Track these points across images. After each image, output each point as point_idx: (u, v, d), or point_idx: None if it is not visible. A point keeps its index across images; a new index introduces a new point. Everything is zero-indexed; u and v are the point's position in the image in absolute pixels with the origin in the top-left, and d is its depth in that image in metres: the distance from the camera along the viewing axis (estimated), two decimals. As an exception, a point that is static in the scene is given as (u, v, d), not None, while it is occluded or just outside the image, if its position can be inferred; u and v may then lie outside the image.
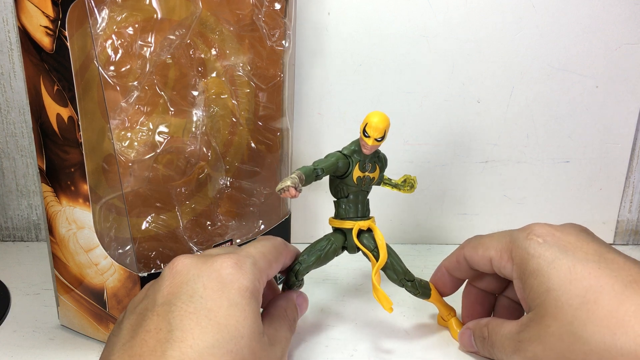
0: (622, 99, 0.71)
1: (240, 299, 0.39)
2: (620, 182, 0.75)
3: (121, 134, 0.56)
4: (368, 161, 0.53)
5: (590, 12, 0.68)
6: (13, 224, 0.77)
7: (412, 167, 0.74)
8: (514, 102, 0.71)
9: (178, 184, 0.61)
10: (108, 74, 0.52)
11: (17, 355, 0.55)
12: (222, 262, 0.41)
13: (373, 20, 0.68)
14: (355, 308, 0.63)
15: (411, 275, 0.56)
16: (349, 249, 0.56)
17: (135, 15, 0.53)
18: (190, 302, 0.38)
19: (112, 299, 0.54)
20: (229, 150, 0.65)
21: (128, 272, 0.53)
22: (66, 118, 0.49)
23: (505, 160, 0.74)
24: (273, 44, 0.62)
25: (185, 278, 0.41)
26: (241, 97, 0.64)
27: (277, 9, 0.61)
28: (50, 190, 0.52)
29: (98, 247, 0.52)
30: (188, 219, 0.63)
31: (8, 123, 0.72)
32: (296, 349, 0.56)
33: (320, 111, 0.72)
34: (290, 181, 0.49)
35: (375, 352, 0.55)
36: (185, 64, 0.59)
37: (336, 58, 0.70)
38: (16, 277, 0.68)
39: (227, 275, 0.40)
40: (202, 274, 0.41)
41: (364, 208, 0.55)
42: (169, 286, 0.41)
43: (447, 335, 0.58)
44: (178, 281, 0.41)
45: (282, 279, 0.61)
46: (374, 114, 0.52)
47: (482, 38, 0.69)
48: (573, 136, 0.73)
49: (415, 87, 0.71)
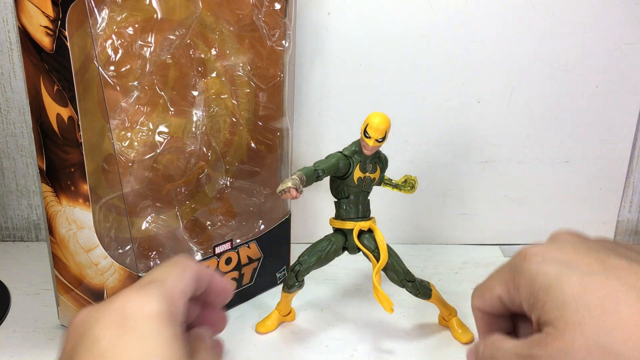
0: (622, 99, 0.71)
1: (150, 327, 0.36)
2: (620, 182, 0.75)
3: (121, 134, 0.56)
4: (369, 162, 0.53)
5: (590, 12, 0.68)
6: (13, 224, 0.77)
7: (413, 167, 0.73)
8: (514, 102, 0.71)
9: (178, 184, 0.61)
10: (108, 74, 0.52)
11: (17, 355, 0.55)
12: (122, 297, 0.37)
13: (373, 20, 0.68)
14: (355, 308, 0.63)
15: (412, 275, 0.56)
16: (350, 250, 0.56)
17: (135, 15, 0.53)
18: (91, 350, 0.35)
19: (112, 299, 0.54)
20: (229, 150, 0.65)
21: (128, 272, 0.53)
22: (66, 118, 0.49)
23: (505, 160, 0.74)
24: (273, 44, 0.62)
25: (84, 328, 0.37)
26: (241, 97, 0.64)
27: (277, 9, 0.61)
28: (50, 190, 0.52)
29: (98, 247, 0.52)
30: (188, 219, 0.63)
31: (8, 123, 0.72)
32: (296, 349, 0.56)
33: (320, 111, 0.72)
34: (291, 182, 0.49)
35: (375, 352, 0.55)
36: (185, 64, 0.58)
37: (336, 58, 0.70)
38: (16, 277, 0.68)
39: (128, 308, 0.36)
40: (101, 316, 0.36)
41: (365, 209, 0.55)
42: (70, 342, 0.37)
43: (448, 336, 0.58)
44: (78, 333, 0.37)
45: (282, 279, 0.61)
46: (375, 114, 0.52)
47: (482, 38, 0.69)
48: (573, 136, 0.73)
49: (415, 87, 0.71)
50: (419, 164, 0.74)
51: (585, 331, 0.38)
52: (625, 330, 0.38)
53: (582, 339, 0.38)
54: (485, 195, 0.75)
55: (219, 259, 0.59)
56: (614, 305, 0.39)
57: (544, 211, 0.76)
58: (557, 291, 0.40)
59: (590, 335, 0.38)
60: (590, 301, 0.39)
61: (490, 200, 0.75)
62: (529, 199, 0.75)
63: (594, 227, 0.77)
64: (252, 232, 0.65)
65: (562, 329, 0.39)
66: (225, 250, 0.59)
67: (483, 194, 0.75)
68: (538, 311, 0.41)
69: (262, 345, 0.57)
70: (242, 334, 0.58)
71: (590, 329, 0.38)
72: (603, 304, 0.38)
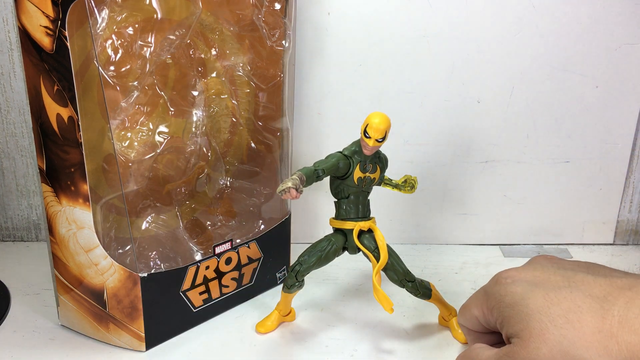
0: (622, 99, 0.71)
1: None
2: (620, 182, 0.75)
3: (121, 134, 0.56)
4: (369, 162, 0.53)
5: (590, 12, 0.68)
6: (13, 224, 0.77)
7: (412, 167, 0.74)
8: (514, 102, 0.71)
9: (178, 184, 0.61)
10: (108, 74, 0.52)
11: (17, 355, 0.55)
12: None
13: (373, 20, 0.68)
14: (355, 308, 0.63)
15: (412, 275, 0.56)
16: (350, 250, 0.56)
17: (135, 15, 0.53)
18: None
19: (112, 299, 0.54)
20: (229, 150, 0.65)
21: (128, 272, 0.53)
22: (66, 118, 0.49)
23: (505, 160, 0.74)
24: (273, 44, 0.62)
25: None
26: (241, 97, 0.64)
27: (277, 9, 0.61)
28: (50, 190, 0.52)
29: (98, 247, 0.52)
30: (188, 219, 0.63)
31: (8, 123, 0.72)
32: (296, 349, 0.56)
33: (320, 111, 0.72)
34: (291, 182, 0.49)
35: (375, 352, 0.55)
36: (185, 64, 0.58)
37: (336, 58, 0.70)
38: (16, 277, 0.68)
39: None
40: None
41: (365, 209, 0.55)
42: None
43: (448, 336, 0.58)
44: None
45: (282, 279, 0.61)
46: (375, 114, 0.52)
47: (482, 38, 0.69)
48: (573, 136, 0.73)
49: (415, 87, 0.71)
50: (419, 164, 0.74)
51: (549, 340, 0.40)
52: (587, 337, 0.40)
53: (545, 347, 0.40)
54: (485, 195, 0.75)
55: (219, 259, 0.59)
56: (577, 315, 0.41)
57: (544, 211, 0.76)
58: (521, 306, 0.43)
59: (553, 344, 0.40)
60: (554, 312, 0.41)
61: (490, 200, 0.75)
62: (529, 199, 0.75)
63: (594, 227, 0.77)
64: (252, 232, 0.65)
65: (526, 339, 0.41)
66: (225, 250, 0.59)
67: (483, 194, 0.75)
68: (506, 327, 0.44)
69: (262, 345, 0.57)
70: (242, 334, 0.58)
71: (553, 338, 0.40)
72: (566, 314, 0.41)
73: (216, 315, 0.61)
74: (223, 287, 0.61)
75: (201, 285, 0.59)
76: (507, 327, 0.44)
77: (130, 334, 0.55)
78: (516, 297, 0.44)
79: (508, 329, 0.44)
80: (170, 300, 0.56)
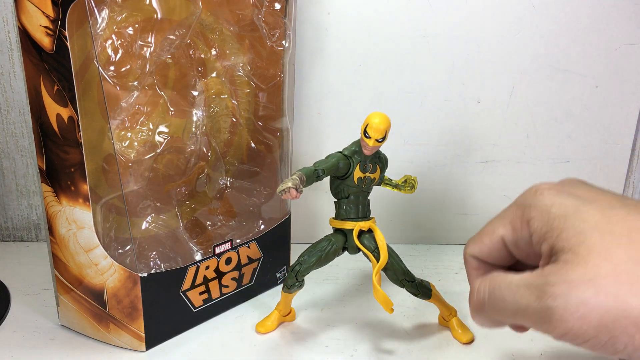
0: (622, 99, 0.71)
1: None
2: (620, 182, 0.75)
3: (121, 134, 0.56)
4: (369, 162, 0.53)
5: (590, 12, 0.68)
6: (13, 224, 0.77)
7: (412, 167, 0.74)
8: (514, 102, 0.71)
9: (178, 184, 0.61)
10: (108, 74, 0.52)
11: (17, 355, 0.55)
12: None
13: (373, 20, 0.68)
14: (355, 308, 0.63)
15: (412, 275, 0.56)
16: (350, 250, 0.56)
17: (135, 15, 0.53)
18: None
19: (112, 299, 0.54)
20: (229, 150, 0.65)
21: (128, 272, 0.53)
22: (66, 118, 0.49)
23: (505, 160, 0.74)
24: (273, 44, 0.62)
25: None
26: (241, 97, 0.64)
27: (277, 9, 0.61)
28: (50, 190, 0.52)
29: (98, 247, 0.52)
30: (188, 219, 0.63)
31: (8, 123, 0.72)
32: (296, 349, 0.56)
33: (320, 111, 0.72)
34: (291, 182, 0.49)
35: (375, 352, 0.55)
36: (185, 64, 0.58)
37: (336, 58, 0.70)
38: (16, 277, 0.68)
39: None
40: None
41: (365, 209, 0.55)
42: None
43: (448, 336, 0.58)
44: None
45: (282, 279, 0.61)
46: (375, 114, 0.52)
47: (482, 38, 0.69)
48: (573, 136, 0.73)
49: (415, 87, 0.71)
50: (419, 164, 0.74)
51: (614, 258, 0.36)
52: None
53: (609, 265, 0.36)
54: (485, 195, 0.75)
55: (219, 259, 0.59)
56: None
57: (544, 211, 0.76)
58: (575, 219, 0.38)
59: (617, 263, 0.36)
60: (616, 230, 0.37)
61: (490, 200, 0.75)
62: (529, 199, 0.75)
63: (594, 227, 0.77)
64: (252, 232, 0.65)
65: (584, 255, 0.37)
66: (225, 250, 0.59)
67: (483, 194, 0.75)
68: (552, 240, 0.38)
69: (262, 345, 0.57)
70: (242, 334, 0.58)
71: (618, 257, 0.36)
72: (630, 235, 0.36)
73: (216, 315, 0.61)
74: (223, 287, 0.61)
75: (201, 285, 0.59)
76: (557, 240, 0.38)
77: (130, 334, 0.55)
78: (568, 208, 0.39)
79: (557, 242, 0.38)
80: (170, 300, 0.56)
